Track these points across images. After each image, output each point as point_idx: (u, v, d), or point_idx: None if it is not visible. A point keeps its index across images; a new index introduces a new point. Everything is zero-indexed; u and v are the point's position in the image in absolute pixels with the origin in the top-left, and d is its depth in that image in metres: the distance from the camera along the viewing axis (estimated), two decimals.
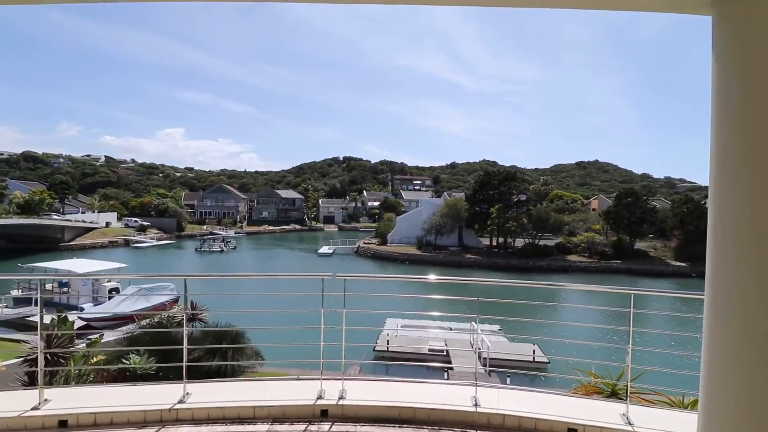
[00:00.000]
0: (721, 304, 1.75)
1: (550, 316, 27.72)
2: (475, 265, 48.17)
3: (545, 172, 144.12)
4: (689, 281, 42.50)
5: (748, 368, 1.57)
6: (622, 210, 49.97)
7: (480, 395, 3.77)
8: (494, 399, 3.82)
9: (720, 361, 1.75)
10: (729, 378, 1.68)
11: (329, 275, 3.78)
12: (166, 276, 22.54)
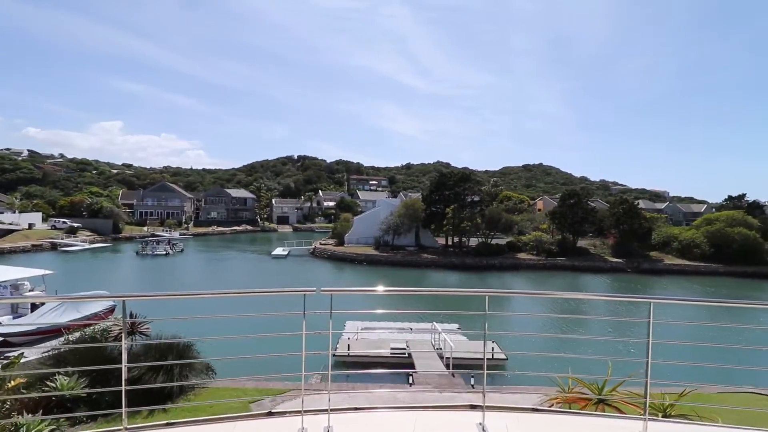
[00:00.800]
0: None
1: (505, 309, 28.69)
2: (431, 265, 48.85)
3: (494, 174, 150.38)
4: (625, 276, 46.12)
5: None
6: (566, 210, 53.16)
7: (488, 422, 3.45)
8: (503, 427, 3.52)
9: None
10: None
11: (312, 290, 3.32)
12: (99, 298, 20.17)
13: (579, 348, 22.18)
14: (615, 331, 26.25)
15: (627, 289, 40.09)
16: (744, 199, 54.78)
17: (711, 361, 20.35)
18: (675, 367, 17.93)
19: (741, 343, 22.95)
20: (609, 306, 32.46)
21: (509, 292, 10.27)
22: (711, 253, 48.71)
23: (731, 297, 36.67)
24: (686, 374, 15.96)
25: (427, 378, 14.40)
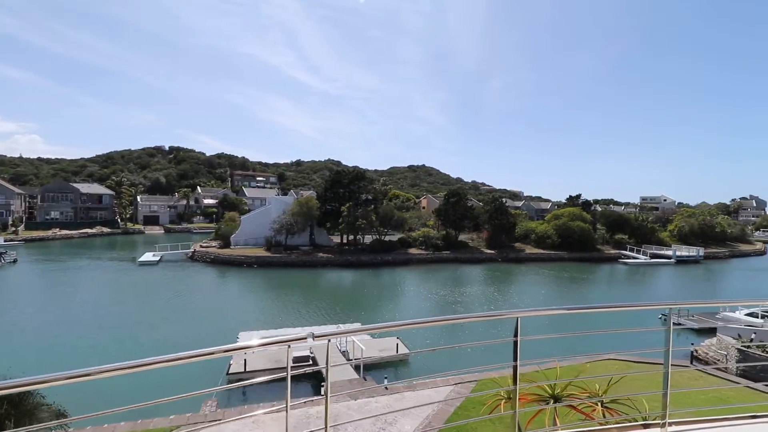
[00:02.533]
0: None
1: (403, 305, 29.73)
2: (327, 264, 48.01)
3: (383, 174, 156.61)
4: (497, 265, 52.45)
5: None
6: (449, 208, 57.99)
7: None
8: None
9: None
10: None
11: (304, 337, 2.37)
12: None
13: (461, 340, 23.95)
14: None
15: (497, 276, 45.53)
16: (580, 198, 67.82)
17: (571, 349, 24.14)
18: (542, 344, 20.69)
19: (595, 328, 27.88)
20: (487, 303, 36.10)
21: (541, 311, 10.20)
22: (559, 242, 58.83)
23: (573, 278, 44.76)
24: (554, 352, 18.61)
25: (341, 386, 13.69)
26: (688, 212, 78.95)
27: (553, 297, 35.08)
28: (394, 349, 19.05)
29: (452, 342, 22.03)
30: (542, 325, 26.36)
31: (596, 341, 22.82)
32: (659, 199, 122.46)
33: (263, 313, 27.23)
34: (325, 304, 29.73)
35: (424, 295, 34.12)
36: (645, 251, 59.76)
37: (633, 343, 22.74)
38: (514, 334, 3.13)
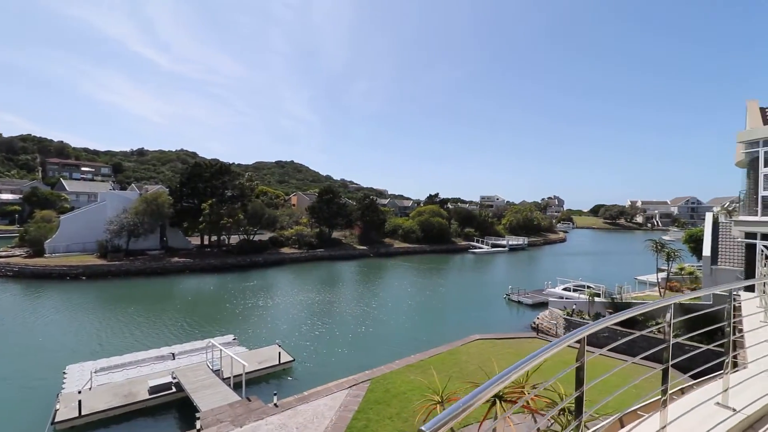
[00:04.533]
0: None
1: (277, 308, 27.86)
2: (185, 269, 41.80)
3: (248, 168, 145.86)
4: (369, 260, 54.30)
5: None
6: (322, 205, 57.40)
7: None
8: None
9: None
10: None
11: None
12: None
13: (346, 339, 23.92)
14: (362, 326, 29.85)
15: (369, 271, 47.21)
16: (438, 197, 75.79)
17: (438, 335, 26.15)
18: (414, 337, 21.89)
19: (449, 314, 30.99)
20: (365, 305, 36.86)
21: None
22: (422, 236, 64.43)
23: (433, 268, 49.55)
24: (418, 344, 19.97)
25: (219, 413, 11.70)
26: (515, 209, 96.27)
27: (417, 287, 37.98)
28: (275, 359, 17.52)
29: (336, 341, 21.57)
30: (408, 314, 28.27)
31: (453, 325, 25.32)
32: (494, 198, 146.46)
33: (99, 337, 21.86)
34: (183, 318, 25.65)
35: (298, 295, 32.78)
36: (487, 242, 70.40)
37: (485, 321, 26.24)
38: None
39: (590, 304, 22.90)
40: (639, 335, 18.77)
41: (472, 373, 15.11)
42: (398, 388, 13.42)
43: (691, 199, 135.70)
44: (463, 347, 17.91)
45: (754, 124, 13.09)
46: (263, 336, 22.09)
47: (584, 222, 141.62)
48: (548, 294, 31.16)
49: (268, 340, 20.95)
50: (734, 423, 2.90)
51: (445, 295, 34.98)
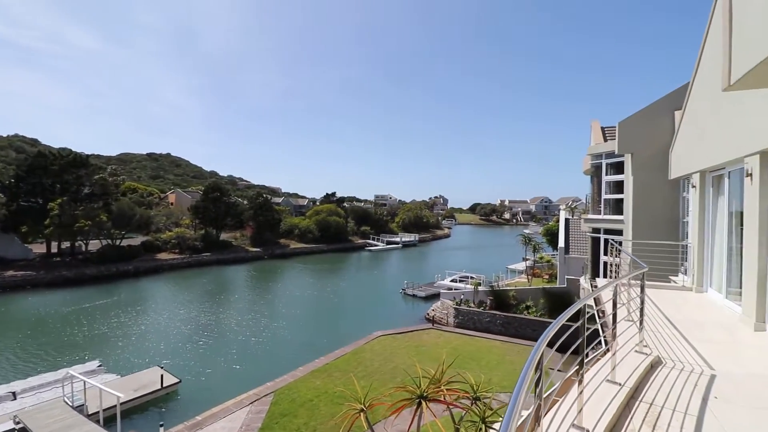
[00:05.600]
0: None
1: (152, 326, 24.40)
2: (24, 285, 33.64)
3: (111, 161, 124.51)
4: (264, 263, 51.47)
5: None
6: (209, 205, 52.26)
7: None
8: None
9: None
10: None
11: None
12: None
13: (235, 353, 22.41)
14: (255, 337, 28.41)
15: (263, 275, 44.84)
16: (335, 195, 75.72)
17: (338, 336, 26.16)
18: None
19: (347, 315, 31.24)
20: (247, 315, 34.93)
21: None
22: (320, 236, 63.64)
23: (331, 268, 49.46)
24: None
25: None
26: (407, 207, 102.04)
27: (315, 288, 37.46)
28: (157, 383, 15.28)
29: (229, 355, 19.82)
30: (308, 318, 27.74)
31: (355, 324, 25.53)
32: (387, 197, 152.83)
33: None
34: (25, 346, 20.69)
35: (180, 307, 29.29)
36: (382, 239, 73.12)
37: (385, 317, 27.22)
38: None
39: (475, 293, 25.52)
40: (523, 319, 21.61)
41: (377, 370, 15.48)
42: (304, 396, 12.97)
43: (544, 199, 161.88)
44: (367, 345, 18.22)
45: (597, 140, 16.33)
46: (138, 358, 19.09)
47: (464, 219, 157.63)
48: (439, 286, 33.78)
49: (145, 362, 18.19)
50: (623, 395, 3.48)
51: (345, 295, 35.14)
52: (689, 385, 3.92)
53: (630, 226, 12.76)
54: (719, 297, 7.58)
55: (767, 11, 2.31)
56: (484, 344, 18.87)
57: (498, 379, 14.42)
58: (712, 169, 7.97)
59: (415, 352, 17.23)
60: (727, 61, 2.83)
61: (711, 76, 6.59)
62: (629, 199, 12.98)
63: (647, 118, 12.67)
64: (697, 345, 5.12)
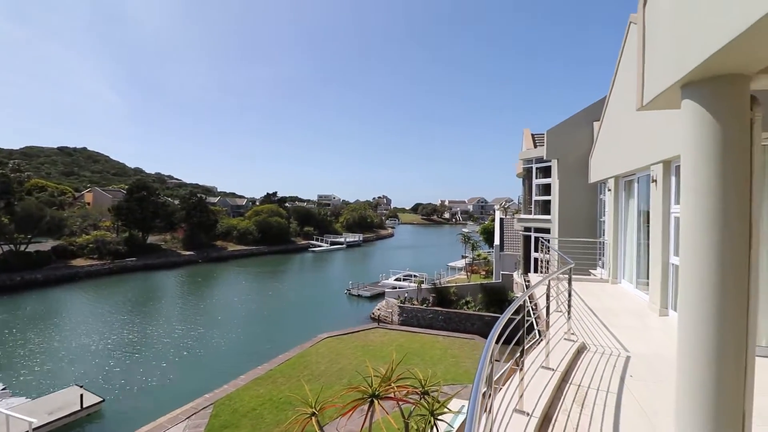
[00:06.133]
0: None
1: (60, 344, 21.83)
2: None
3: (13, 155, 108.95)
4: (198, 267, 48.32)
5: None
6: (134, 205, 47.87)
7: None
8: None
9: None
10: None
11: None
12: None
13: (163, 365, 21.06)
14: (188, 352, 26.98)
15: (195, 280, 42.14)
16: (276, 195, 73.19)
17: (282, 341, 25.49)
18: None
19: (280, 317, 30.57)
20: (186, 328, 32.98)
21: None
22: (260, 237, 61.20)
23: (272, 271, 47.83)
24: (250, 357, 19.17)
25: None
26: (351, 207, 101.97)
27: (256, 292, 36.08)
28: (76, 403, 13.74)
29: (160, 369, 18.36)
30: (249, 324, 26.69)
31: (299, 327, 24.80)
32: (331, 197, 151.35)
33: None
34: None
35: (100, 319, 26.58)
36: (326, 240, 72.28)
37: (331, 318, 26.97)
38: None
39: (418, 290, 26.26)
40: (462, 313, 22.61)
41: (324, 372, 15.33)
42: (247, 405, 12.45)
43: (481, 199, 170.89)
44: (313, 348, 17.95)
45: (528, 146, 17.71)
46: (52, 379, 16.97)
47: (407, 218, 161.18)
48: (383, 285, 34.23)
49: (61, 383, 16.22)
50: (556, 379, 3.87)
51: (288, 298, 34.20)
52: (609, 367, 4.45)
53: (556, 225, 14.01)
54: (631, 287, 8.63)
55: (674, 43, 2.74)
56: (428, 340, 19.51)
57: (442, 372, 15.01)
58: (624, 175, 9.05)
59: (361, 352, 17.32)
60: (641, 85, 3.28)
61: (624, 94, 7.48)
62: (556, 200, 14.23)
63: (571, 127, 13.99)
64: (615, 331, 5.81)
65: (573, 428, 3.13)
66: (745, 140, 2.46)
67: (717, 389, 2.43)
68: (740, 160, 2.43)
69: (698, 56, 2.37)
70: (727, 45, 2.10)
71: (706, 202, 2.49)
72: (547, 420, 3.24)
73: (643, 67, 3.27)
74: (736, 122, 2.45)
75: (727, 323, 2.41)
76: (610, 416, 3.33)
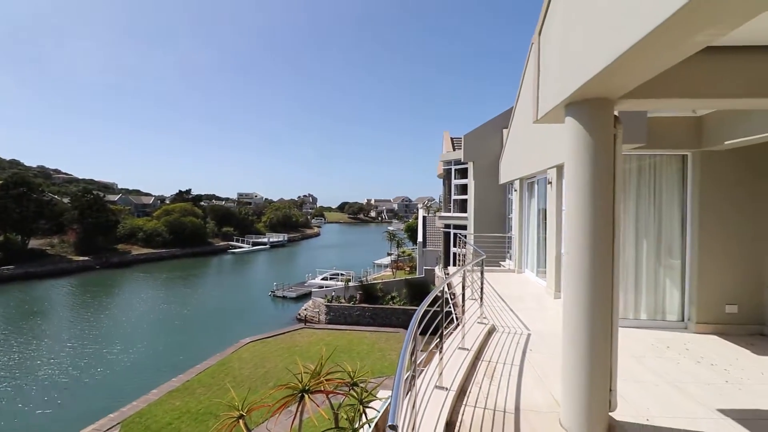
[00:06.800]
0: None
1: None
2: None
3: None
4: (94, 274, 42.67)
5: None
6: (10, 203, 40.61)
7: None
8: None
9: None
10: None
11: None
12: None
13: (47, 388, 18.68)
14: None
15: (95, 289, 37.33)
16: (190, 193, 67.42)
17: (204, 349, 24.01)
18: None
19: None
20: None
21: None
22: (171, 239, 56.00)
23: (185, 276, 44.15)
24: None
25: None
26: (275, 206, 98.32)
27: (168, 301, 33.13)
28: None
29: (42, 396, 15.97)
30: (159, 335, 24.52)
31: (219, 334, 23.28)
32: (253, 195, 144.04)
33: None
34: None
35: None
36: (248, 240, 68.77)
37: (255, 322, 25.86)
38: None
39: (345, 288, 26.45)
40: (390, 309, 23.25)
41: (248, 377, 14.74)
42: (161, 420, 11.50)
43: (405, 198, 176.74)
44: (235, 354, 17.12)
45: (448, 149, 18.95)
46: None
47: (333, 217, 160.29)
48: (310, 285, 33.77)
49: None
50: (470, 357, 4.36)
51: (205, 304, 31.89)
52: (514, 344, 5.12)
53: (472, 222, 15.25)
54: (532, 275, 9.82)
55: (560, 70, 3.30)
56: (356, 336, 19.82)
57: (370, 365, 15.38)
58: (527, 178, 10.24)
59: (288, 354, 16.98)
60: (536, 101, 3.87)
61: (526, 107, 8.50)
62: (472, 199, 15.49)
63: (484, 132, 15.33)
64: (519, 313, 6.63)
65: (484, 397, 3.59)
66: (609, 151, 3.09)
67: (590, 353, 3.02)
68: (606, 168, 3.05)
69: (575, 83, 2.92)
70: (594, 76, 2.64)
71: (582, 202, 3.07)
72: (462, 392, 3.67)
73: (537, 87, 3.86)
74: (603, 137, 3.06)
75: (597, 301, 3.01)
76: (513, 384, 3.88)
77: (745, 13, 1.84)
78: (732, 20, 1.90)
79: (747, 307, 5.65)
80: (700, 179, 5.71)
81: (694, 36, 2.05)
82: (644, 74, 2.62)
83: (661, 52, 2.24)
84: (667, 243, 5.88)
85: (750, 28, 2.74)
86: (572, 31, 3.08)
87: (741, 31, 2.77)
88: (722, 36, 2.06)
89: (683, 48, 2.19)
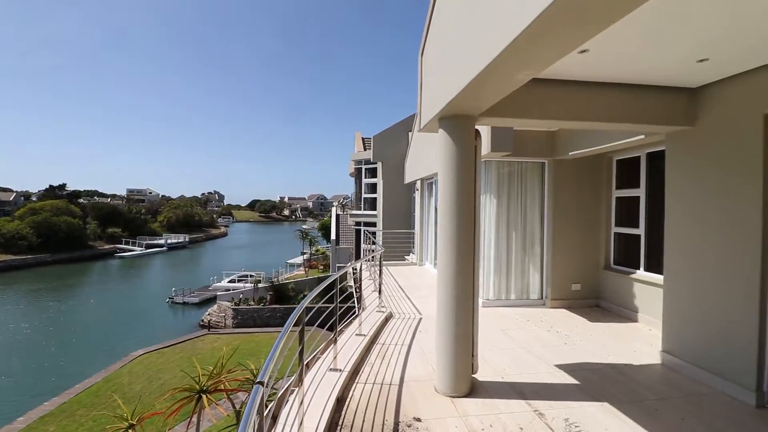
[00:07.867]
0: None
1: None
2: None
3: None
4: None
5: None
6: None
7: None
8: None
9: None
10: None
11: None
12: None
13: None
14: None
15: None
16: (65, 189, 57.54)
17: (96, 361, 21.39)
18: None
19: None
20: None
21: None
22: (39, 243, 47.41)
23: (61, 285, 37.91)
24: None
25: None
26: (174, 204, 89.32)
27: (34, 318, 28.18)
28: None
29: None
30: (23, 359, 20.92)
31: (104, 350, 20.58)
32: (146, 192, 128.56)
33: None
34: None
35: None
36: (140, 242, 61.39)
37: (148, 333, 23.36)
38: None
39: (255, 290, 25.46)
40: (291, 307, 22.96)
41: (140, 392, 13.44)
42: None
43: (320, 196, 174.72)
44: (124, 369, 15.42)
45: (359, 148, 19.50)
46: None
47: (243, 216, 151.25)
48: (215, 289, 31.66)
49: None
50: (366, 342, 4.79)
51: (83, 317, 27.75)
52: (407, 327, 5.71)
53: (381, 219, 16.01)
54: (431, 267, 10.78)
55: (435, 87, 3.88)
56: (265, 338, 19.27)
57: (280, 364, 15.13)
58: (426, 178, 11.19)
59: (188, 363, 15.82)
60: (420, 112, 4.44)
61: None
62: (380, 197, 16.24)
63: (392, 134, 16.17)
64: (415, 301, 7.33)
65: (374, 375, 4.03)
66: (471, 159, 3.74)
67: (455, 327, 3.64)
68: (467, 173, 3.69)
69: (444, 100, 3.49)
70: (455, 96, 3.20)
71: (450, 202, 3.67)
72: (356, 372, 4.06)
73: (420, 100, 4.43)
74: (465, 147, 3.70)
75: (461, 285, 3.64)
76: (401, 361, 4.40)
77: (546, 60, 2.50)
78: (538, 65, 2.55)
79: (587, 284, 7.09)
80: (553, 182, 6.98)
81: (515, 74, 2.69)
82: (492, 98, 3.27)
83: (497, 83, 2.87)
84: (531, 235, 7.07)
85: (560, 68, 3.59)
86: (441, 57, 3.66)
87: (555, 69, 3.61)
88: (536, 75, 2.74)
89: (511, 81, 2.84)
